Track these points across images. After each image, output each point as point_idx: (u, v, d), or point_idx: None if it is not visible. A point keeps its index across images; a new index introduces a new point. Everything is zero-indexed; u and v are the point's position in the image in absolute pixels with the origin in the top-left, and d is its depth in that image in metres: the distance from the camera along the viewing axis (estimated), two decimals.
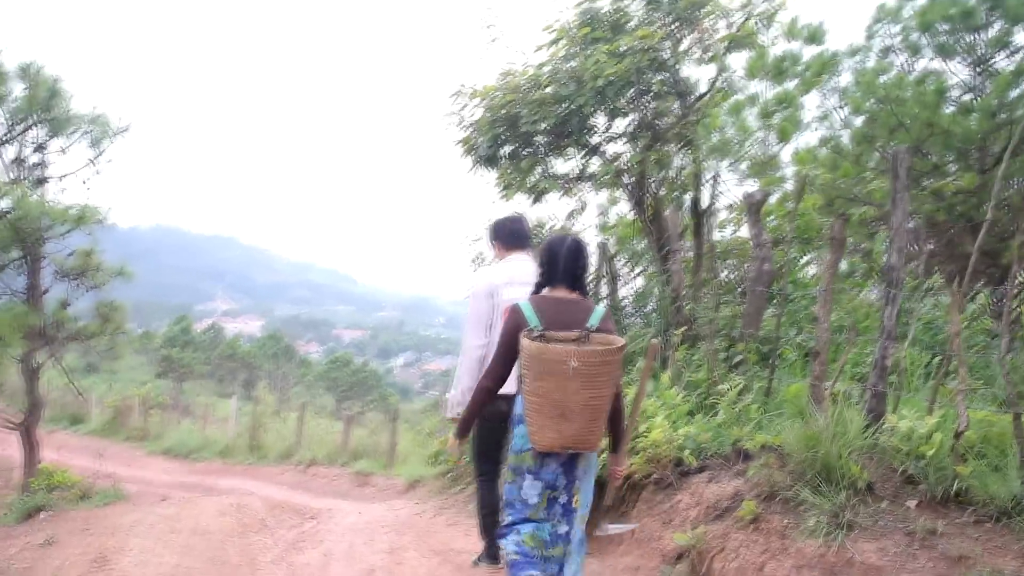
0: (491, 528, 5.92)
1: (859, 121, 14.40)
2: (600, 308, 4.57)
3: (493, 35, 10.33)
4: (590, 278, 10.74)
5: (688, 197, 10.12)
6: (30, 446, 12.30)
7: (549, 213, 11.67)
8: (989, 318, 8.58)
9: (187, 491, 15.73)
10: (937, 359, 7.27)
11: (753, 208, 7.88)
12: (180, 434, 26.09)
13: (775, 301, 8.42)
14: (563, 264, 4.61)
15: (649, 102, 9.74)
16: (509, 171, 10.07)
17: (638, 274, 11.22)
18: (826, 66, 15.29)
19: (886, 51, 15.37)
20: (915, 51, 15.07)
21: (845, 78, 15.20)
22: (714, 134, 10.69)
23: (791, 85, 15.33)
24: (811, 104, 14.67)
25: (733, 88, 10.08)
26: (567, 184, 10.33)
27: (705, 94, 10.00)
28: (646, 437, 6.31)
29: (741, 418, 6.66)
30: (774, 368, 7.18)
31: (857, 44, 15.36)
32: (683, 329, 8.28)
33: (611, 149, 10.24)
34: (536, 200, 10.27)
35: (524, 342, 4.26)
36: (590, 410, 4.23)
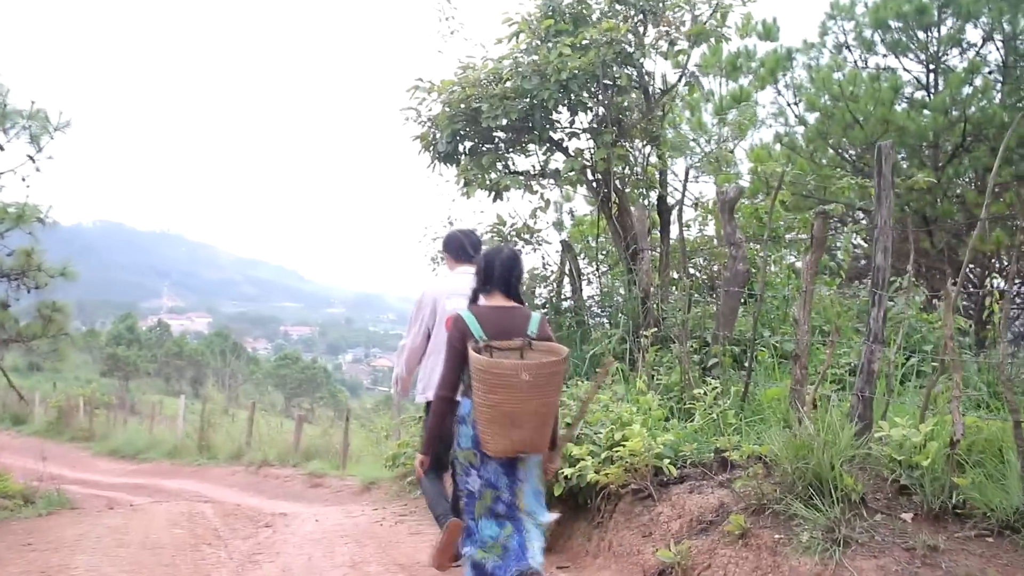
0: (452, 510, 5.73)
1: (813, 118, 14.39)
2: (536, 315, 4.85)
3: (451, 27, 10.03)
4: (553, 277, 10.52)
5: (654, 194, 9.85)
6: None
7: (510, 210, 11.36)
8: (963, 318, 8.43)
9: (135, 494, 15.32)
10: (911, 361, 7.10)
11: (726, 205, 7.63)
12: (127, 434, 25.77)
13: (747, 302, 8.21)
14: (498, 272, 4.86)
15: (614, 96, 9.47)
16: (469, 167, 9.75)
17: (603, 273, 10.93)
18: (780, 63, 15.28)
19: (840, 48, 15.41)
20: (868, 48, 15.12)
21: (799, 74, 15.21)
22: (669, 131, 10.50)
23: (746, 81, 15.29)
24: (765, 100, 14.59)
25: (698, 82, 9.88)
26: (529, 180, 10.03)
27: (671, 88, 9.76)
28: (623, 445, 5.99)
29: (719, 424, 6.41)
30: (751, 371, 6.93)
31: (811, 41, 15.38)
32: (653, 330, 8.01)
33: (574, 145, 9.98)
34: (497, 197, 9.97)
35: (475, 357, 4.46)
36: (539, 417, 4.49)
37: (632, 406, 6.66)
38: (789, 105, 14.91)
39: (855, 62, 14.81)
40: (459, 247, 6.38)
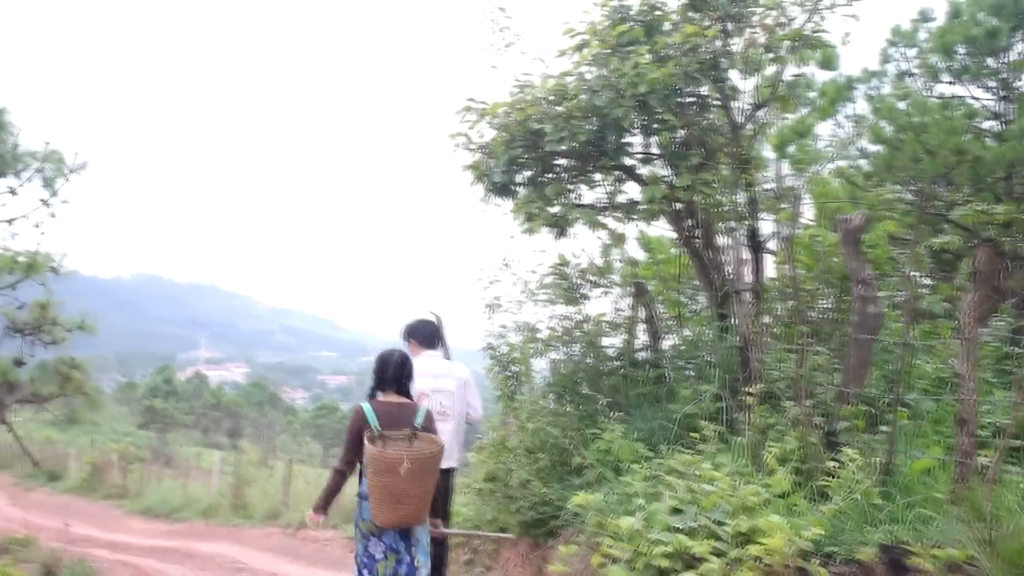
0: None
1: (875, 150, 13.28)
2: (422, 408, 5.99)
3: (506, 39, 8.76)
4: (624, 324, 9.25)
5: (744, 227, 8.48)
6: None
7: (575, 248, 9.97)
8: None
9: (166, 560, 14.47)
10: None
11: (850, 236, 6.30)
12: (161, 492, 24.95)
13: (885, 350, 6.88)
14: (391, 374, 6.02)
15: (697, 114, 8.21)
16: (530, 199, 8.49)
17: (687, 319, 9.62)
18: (841, 92, 14.21)
19: (902, 76, 14.29)
20: (933, 75, 13.96)
21: (861, 105, 14.14)
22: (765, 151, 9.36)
23: (804, 112, 14.20)
24: (823, 132, 13.59)
25: (795, 96, 8.62)
26: (598, 214, 8.75)
27: (764, 102, 8.46)
28: (758, 542, 4.61)
29: (863, 506, 5.06)
30: (895, 439, 5.58)
31: (871, 69, 14.32)
32: (758, 387, 6.69)
33: (647, 171, 8.71)
34: (560, 234, 8.74)
35: (368, 447, 5.54)
36: (419, 497, 5.57)
37: (759, 487, 5.30)
38: (851, 137, 13.95)
39: (919, 90, 13.75)
40: (423, 335, 7.43)
